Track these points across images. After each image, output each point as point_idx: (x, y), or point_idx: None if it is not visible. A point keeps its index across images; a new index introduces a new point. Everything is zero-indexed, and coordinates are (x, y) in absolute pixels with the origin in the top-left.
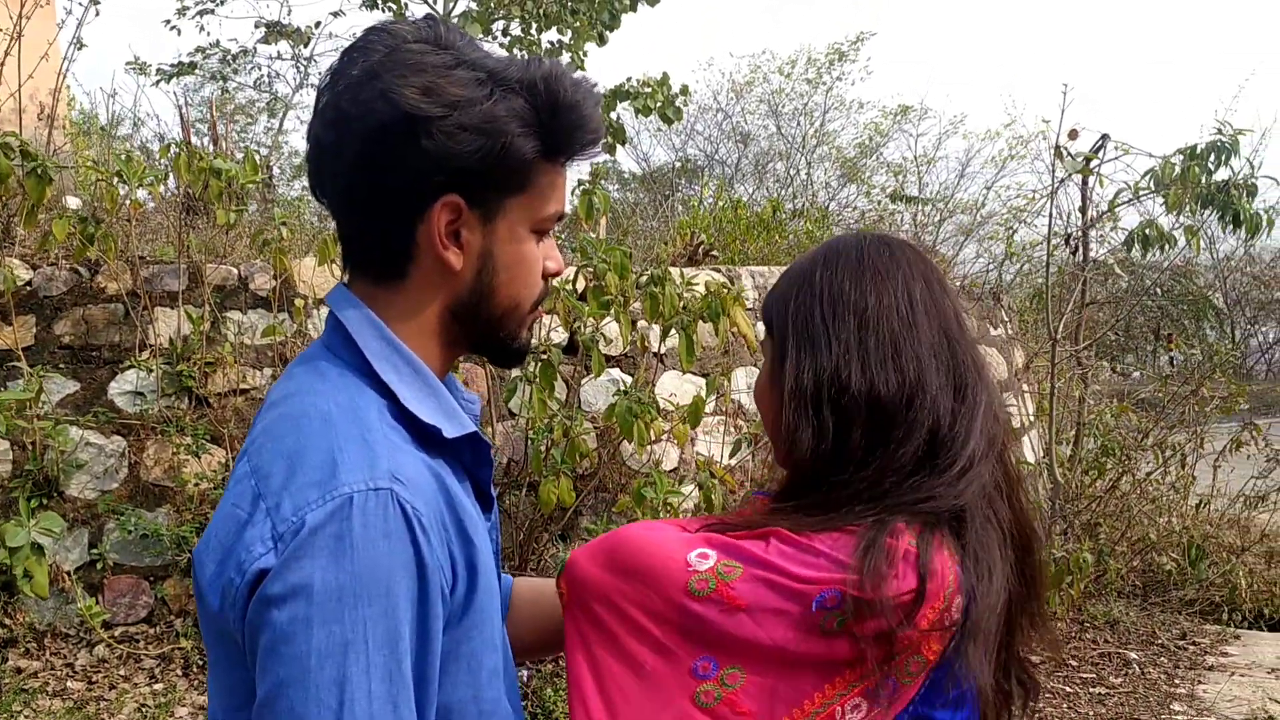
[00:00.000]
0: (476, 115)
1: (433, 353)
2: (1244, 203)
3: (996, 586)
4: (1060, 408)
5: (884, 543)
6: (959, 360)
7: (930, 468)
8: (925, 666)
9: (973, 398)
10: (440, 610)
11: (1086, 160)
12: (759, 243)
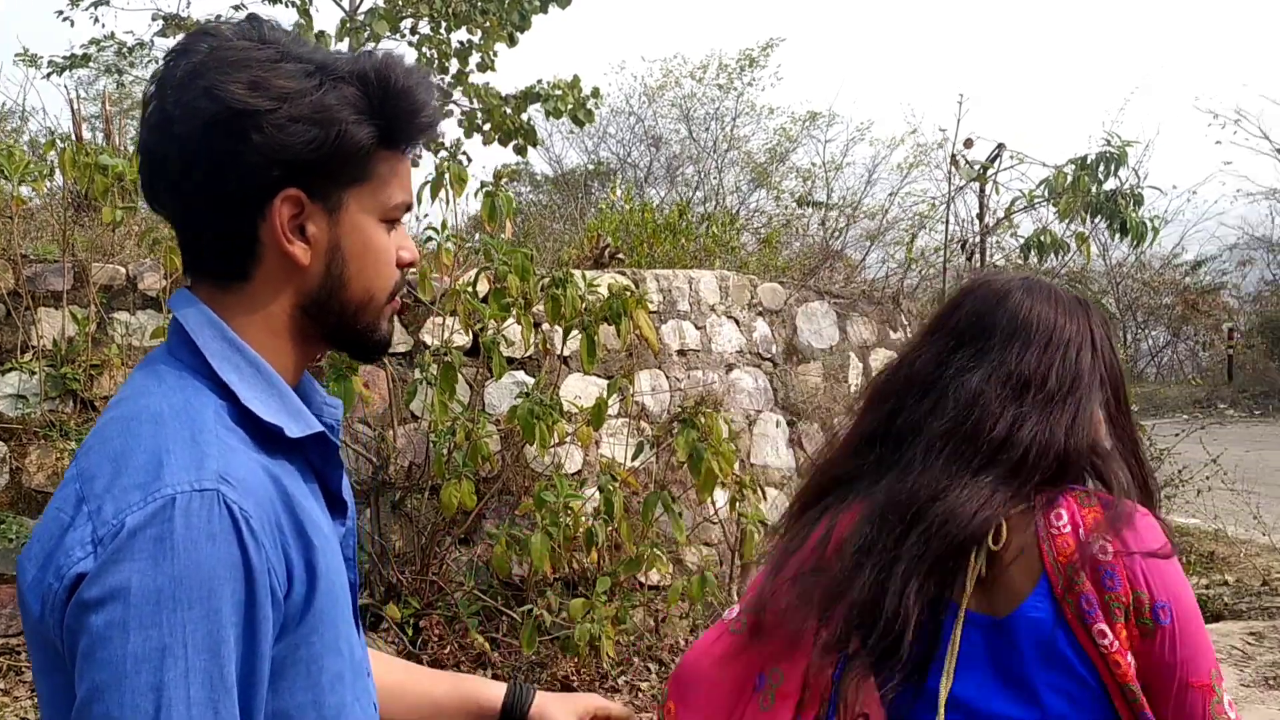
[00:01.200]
0: (307, 106)
1: (285, 351)
2: (1130, 212)
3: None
4: None
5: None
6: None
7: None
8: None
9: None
10: (270, 613)
11: (983, 169)
12: (666, 246)
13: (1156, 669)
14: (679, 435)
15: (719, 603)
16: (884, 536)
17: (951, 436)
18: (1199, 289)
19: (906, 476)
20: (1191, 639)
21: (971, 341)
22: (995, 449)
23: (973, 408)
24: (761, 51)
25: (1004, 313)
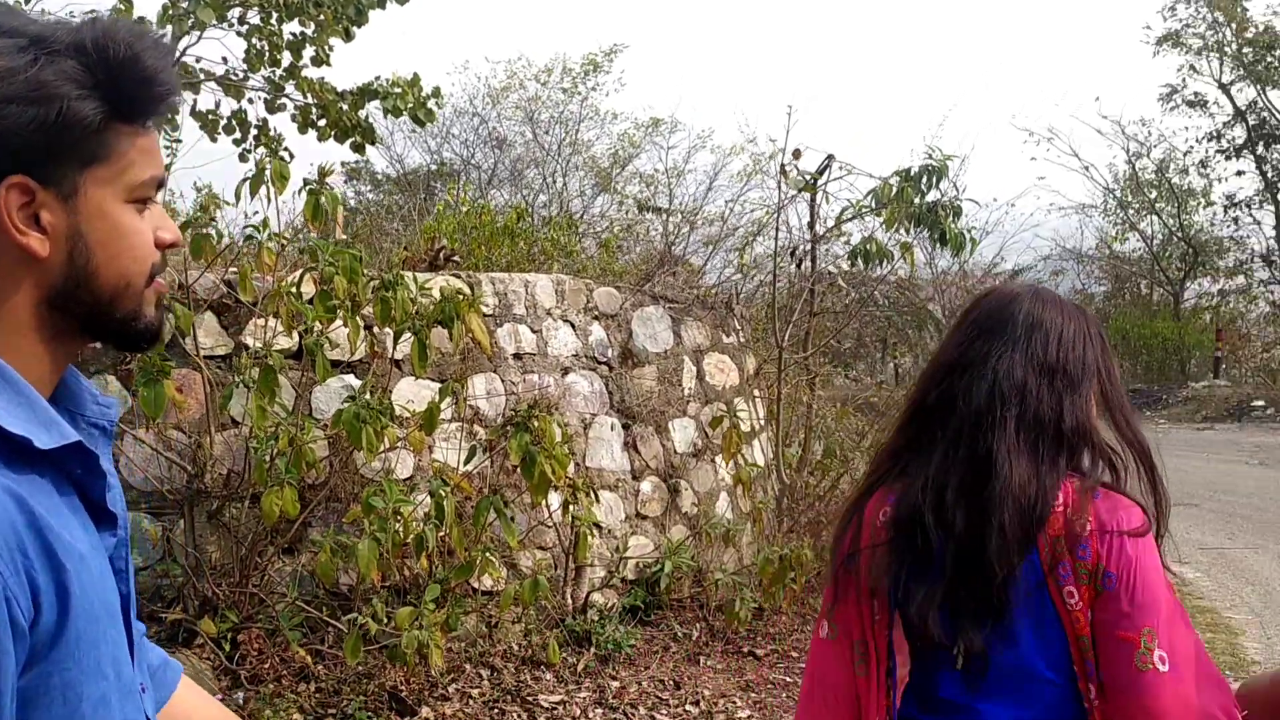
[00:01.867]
0: (21, 85)
1: (34, 352)
2: (949, 223)
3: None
4: (790, 412)
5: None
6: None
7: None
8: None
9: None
10: (9, 645)
11: (813, 179)
12: (504, 249)
13: (1100, 623)
14: (512, 439)
15: (552, 606)
16: (969, 508)
17: (1024, 417)
18: None
19: (978, 450)
20: (1131, 602)
21: (991, 333)
22: (1055, 433)
23: (1023, 392)
24: (605, 57)
25: (1019, 310)
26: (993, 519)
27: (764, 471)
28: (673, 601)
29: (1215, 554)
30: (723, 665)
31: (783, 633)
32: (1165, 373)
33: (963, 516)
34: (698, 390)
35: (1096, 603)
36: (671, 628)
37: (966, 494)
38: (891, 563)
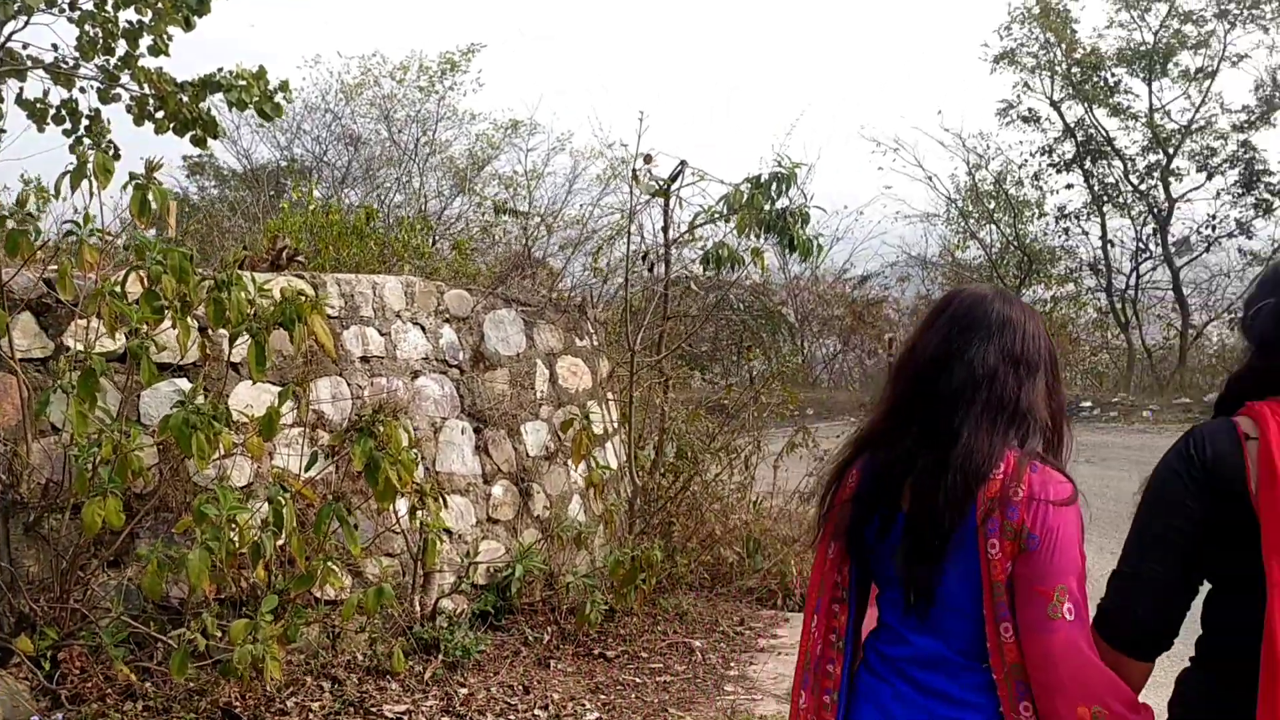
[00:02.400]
0: None
1: None
2: (798, 229)
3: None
4: (644, 415)
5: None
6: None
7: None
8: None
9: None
10: None
11: (666, 185)
12: (353, 249)
13: (1021, 575)
14: (356, 444)
15: (399, 614)
16: (929, 469)
17: (990, 399)
18: (865, 302)
19: (954, 423)
20: (1049, 561)
21: (967, 328)
22: (1012, 411)
23: (993, 378)
24: (463, 56)
25: (991, 309)
26: (947, 476)
27: (617, 474)
28: (524, 605)
29: None
30: (573, 668)
31: (633, 634)
32: None
33: (927, 477)
34: (550, 393)
35: (1019, 558)
36: (523, 632)
37: (933, 459)
38: (855, 518)
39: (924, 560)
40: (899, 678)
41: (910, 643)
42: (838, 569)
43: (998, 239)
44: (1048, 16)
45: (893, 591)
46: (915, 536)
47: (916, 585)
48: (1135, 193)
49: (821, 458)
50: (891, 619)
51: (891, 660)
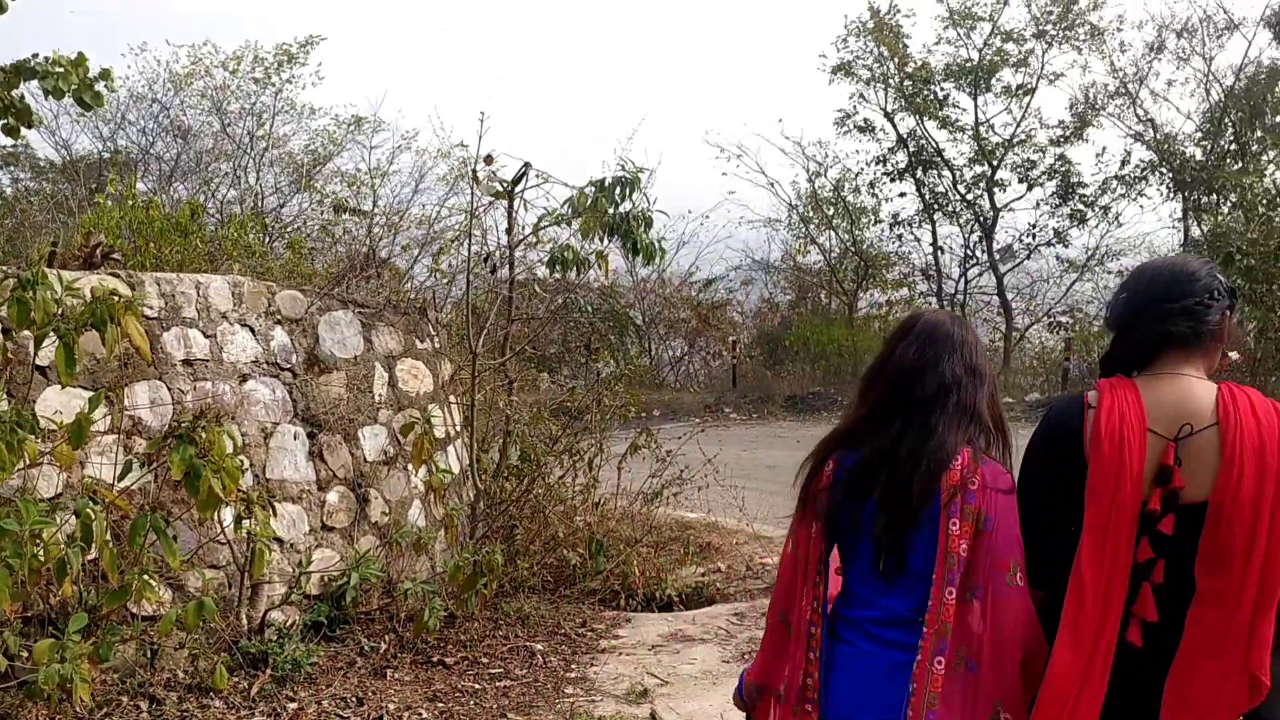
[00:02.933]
0: None
1: None
2: (641, 233)
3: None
4: (487, 418)
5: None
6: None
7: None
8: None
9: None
10: None
11: (510, 187)
12: (176, 247)
13: (981, 554)
14: (174, 452)
15: (223, 628)
16: (909, 456)
17: (968, 412)
18: (710, 305)
19: (930, 421)
20: (1001, 542)
21: (934, 343)
22: (977, 415)
23: (960, 385)
24: (301, 48)
25: (951, 330)
26: (924, 462)
27: (459, 478)
28: (360, 614)
29: None
30: (411, 676)
31: (474, 639)
32: (840, 376)
33: (907, 462)
34: (390, 397)
35: (978, 538)
36: (358, 642)
37: (911, 448)
38: (832, 503)
39: (898, 530)
40: (862, 636)
41: (877, 605)
42: (816, 547)
43: (837, 244)
44: (881, 31)
45: (860, 564)
46: (891, 512)
47: (890, 551)
48: (963, 202)
49: (664, 459)
50: (859, 588)
51: (856, 622)
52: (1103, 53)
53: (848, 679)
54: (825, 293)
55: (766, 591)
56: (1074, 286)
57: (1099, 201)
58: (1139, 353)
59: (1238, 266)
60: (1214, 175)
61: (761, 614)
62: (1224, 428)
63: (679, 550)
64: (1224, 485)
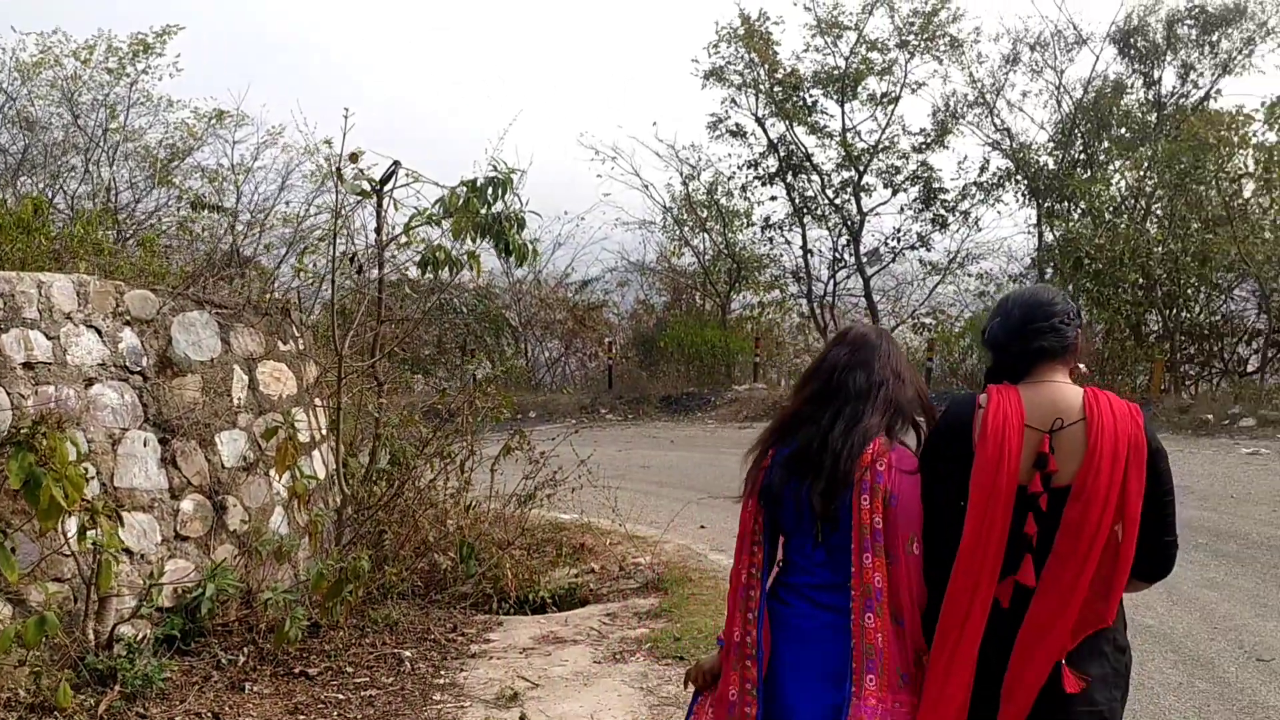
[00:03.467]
0: None
1: None
2: (513, 234)
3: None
4: (355, 421)
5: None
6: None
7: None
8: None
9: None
10: None
11: (379, 185)
12: (17, 245)
13: (891, 523)
14: (11, 460)
15: (67, 644)
16: (841, 435)
17: (894, 407)
18: (586, 306)
19: (859, 411)
20: (903, 516)
21: (863, 349)
22: (903, 410)
23: (885, 383)
24: (157, 38)
25: (876, 339)
26: (847, 446)
27: (325, 483)
28: (217, 627)
29: None
30: (271, 689)
31: (339, 648)
32: (714, 377)
33: (841, 440)
34: (250, 400)
35: (887, 512)
36: (215, 655)
37: (845, 430)
38: (774, 483)
39: (830, 504)
40: (801, 600)
41: (815, 573)
42: (755, 520)
43: (710, 247)
44: (751, 38)
45: (799, 537)
46: (824, 488)
47: (825, 521)
48: (831, 206)
49: (537, 460)
50: (799, 558)
51: (797, 588)
52: (962, 64)
53: (792, 638)
54: (699, 294)
55: (639, 591)
56: (936, 289)
57: (959, 207)
58: (1018, 365)
59: (1087, 271)
60: (1065, 183)
61: (634, 613)
62: (1089, 423)
63: (552, 552)
64: (1087, 469)
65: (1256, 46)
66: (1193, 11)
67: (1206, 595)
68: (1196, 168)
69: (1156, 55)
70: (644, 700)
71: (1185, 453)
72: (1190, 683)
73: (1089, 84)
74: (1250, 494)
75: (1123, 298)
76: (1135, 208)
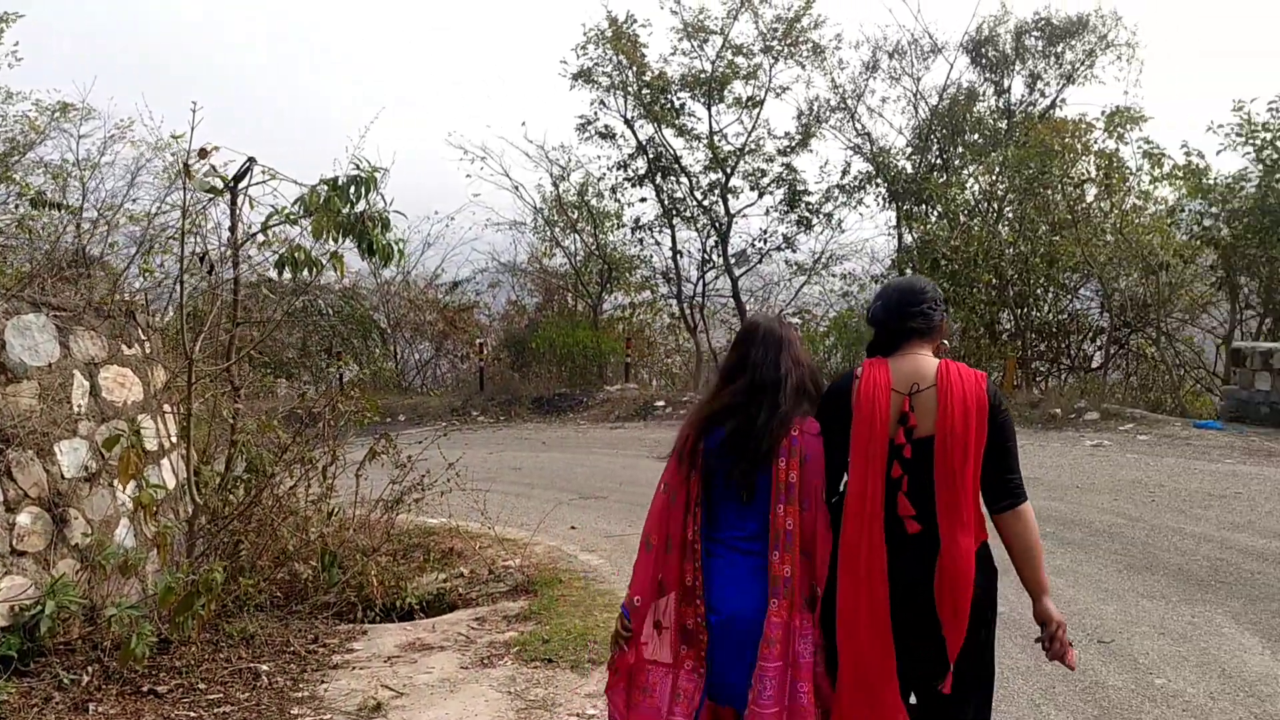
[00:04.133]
0: None
1: None
2: (377, 233)
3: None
4: (209, 428)
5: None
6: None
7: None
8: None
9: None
10: None
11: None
12: None
13: (804, 478)
14: None
15: None
16: (765, 419)
17: (802, 389)
18: (457, 308)
19: (776, 410)
20: (815, 471)
21: (773, 344)
22: (806, 390)
23: (790, 372)
24: None
25: (781, 332)
26: (774, 422)
27: (175, 493)
28: (59, 645)
29: (617, 540)
30: (117, 709)
31: (191, 664)
32: (586, 377)
33: (764, 424)
34: (92, 407)
35: (802, 470)
36: (56, 675)
37: (765, 419)
38: (711, 463)
39: (753, 470)
40: (730, 550)
41: (740, 527)
42: (686, 486)
43: (582, 248)
44: (619, 40)
45: (727, 500)
46: (751, 463)
47: (747, 485)
48: (700, 207)
49: (404, 464)
50: (726, 515)
51: (726, 540)
52: (824, 69)
53: (724, 579)
54: (571, 295)
55: (509, 594)
56: (802, 289)
57: (823, 209)
58: (893, 340)
59: (944, 271)
60: (922, 186)
61: (503, 617)
62: (940, 388)
63: (420, 557)
64: (942, 424)
65: (1097, 58)
66: (1039, 24)
67: (1053, 582)
68: (1043, 173)
69: (1006, 65)
70: (511, 704)
71: (1036, 445)
72: (1038, 666)
73: (944, 91)
74: (1094, 484)
75: (977, 297)
76: (988, 211)
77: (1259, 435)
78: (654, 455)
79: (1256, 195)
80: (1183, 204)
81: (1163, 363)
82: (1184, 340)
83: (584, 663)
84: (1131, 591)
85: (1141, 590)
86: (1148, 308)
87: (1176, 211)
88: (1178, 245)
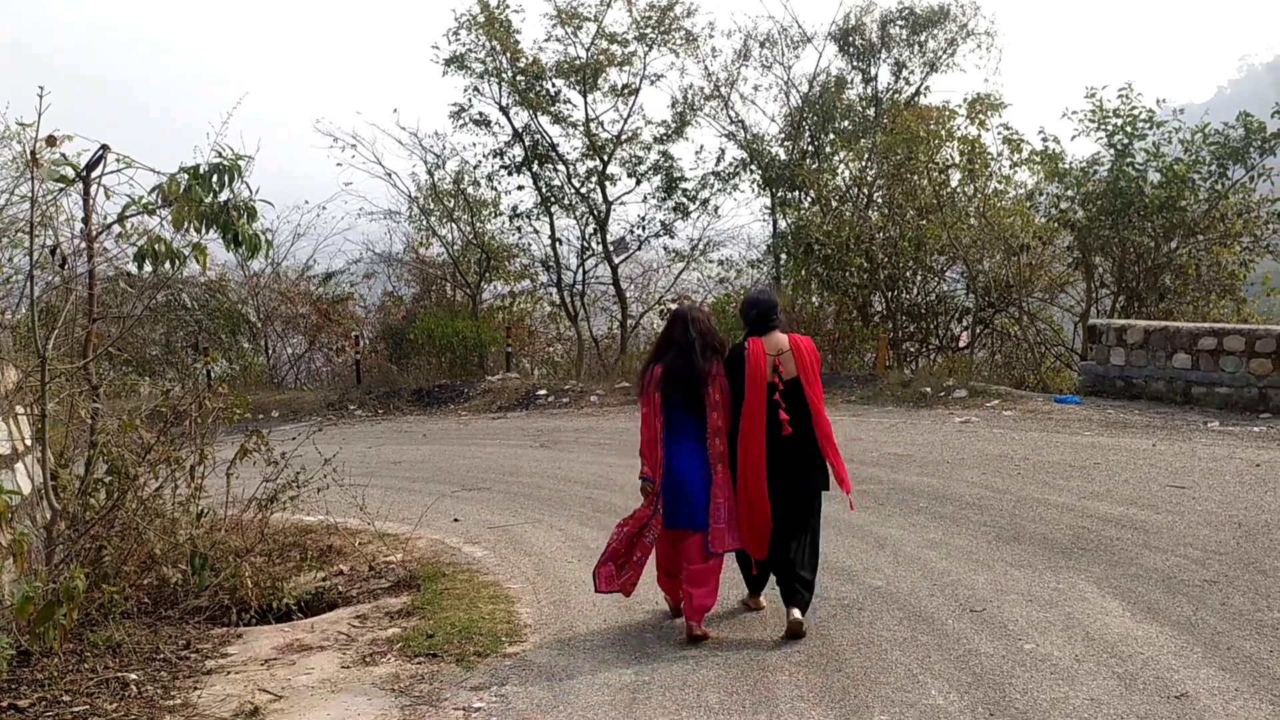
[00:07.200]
0: None
1: None
2: (242, 224)
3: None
4: (67, 429)
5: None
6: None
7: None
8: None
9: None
10: None
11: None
12: None
13: (722, 398)
14: None
15: None
16: (690, 369)
17: (707, 346)
18: (331, 300)
19: (693, 358)
20: (728, 396)
21: (689, 323)
22: (717, 347)
23: (698, 338)
24: None
25: (694, 315)
26: (698, 369)
27: (31, 498)
28: None
29: (501, 531)
30: None
31: (54, 676)
32: (466, 368)
33: (693, 369)
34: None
35: (721, 394)
36: None
37: (690, 362)
38: (664, 383)
39: (694, 395)
40: (684, 443)
41: (688, 430)
42: (655, 405)
43: (459, 237)
44: (492, 25)
45: (680, 413)
46: (693, 384)
47: (691, 403)
48: (578, 195)
49: (277, 462)
50: (683, 425)
51: (680, 439)
52: (697, 57)
53: (680, 462)
54: (450, 285)
55: (391, 590)
56: (681, 275)
57: (700, 196)
58: (763, 327)
59: (817, 256)
60: (795, 173)
61: (385, 613)
62: (794, 350)
63: (298, 556)
64: (799, 370)
65: (959, 46)
66: (903, 13)
67: (927, 555)
68: (910, 159)
69: (873, 53)
70: (395, 702)
71: (908, 423)
72: (914, 637)
73: (814, 79)
74: (963, 459)
75: (850, 281)
76: (859, 196)
77: (1114, 408)
78: (537, 444)
79: (1109, 178)
80: (1041, 187)
81: (1025, 341)
82: (1044, 319)
83: (469, 655)
84: (1001, 561)
85: (1010, 560)
86: (1010, 288)
87: (1035, 195)
88: (1037, 228)
